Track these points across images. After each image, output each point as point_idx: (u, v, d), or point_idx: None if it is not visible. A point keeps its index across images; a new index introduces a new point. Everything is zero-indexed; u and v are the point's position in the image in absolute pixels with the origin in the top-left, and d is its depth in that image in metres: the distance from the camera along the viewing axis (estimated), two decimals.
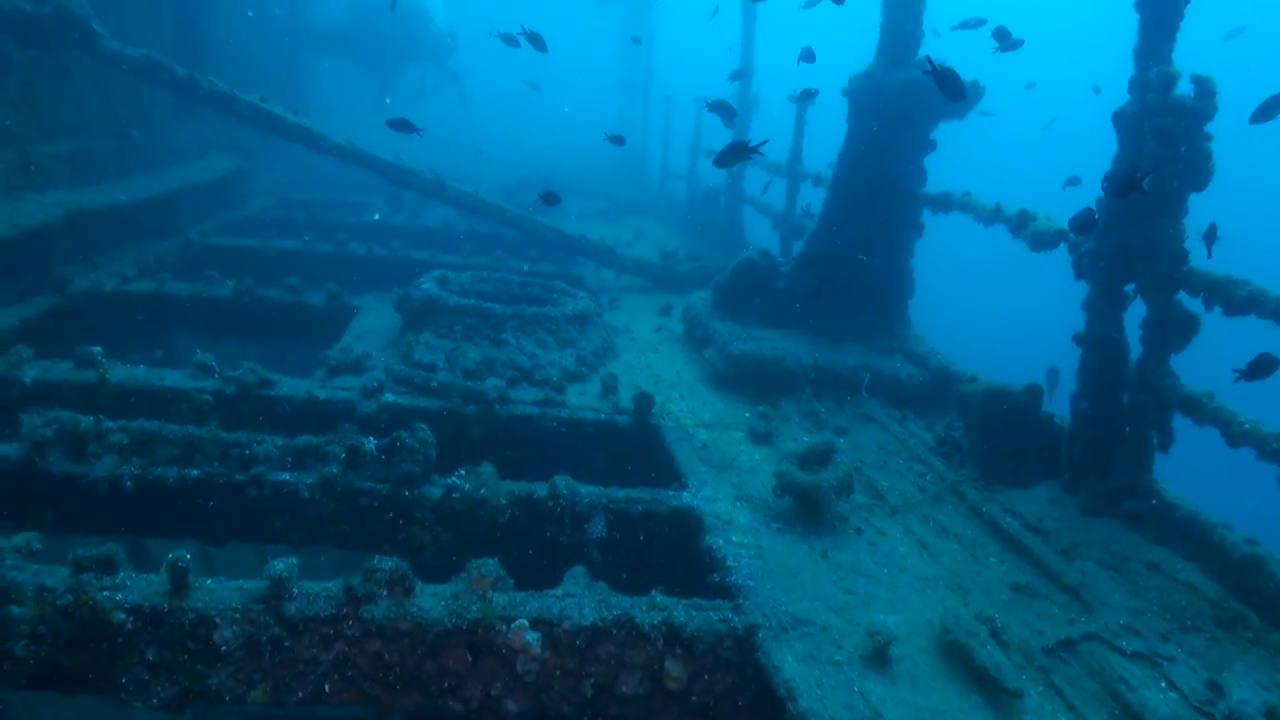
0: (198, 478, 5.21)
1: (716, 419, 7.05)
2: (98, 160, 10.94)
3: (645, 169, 23.18)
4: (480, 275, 9.16)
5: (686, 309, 9.29)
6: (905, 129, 8.24)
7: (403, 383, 6.82)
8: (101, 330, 9.13)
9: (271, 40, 20.08)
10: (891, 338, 8.48)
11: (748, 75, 13.12)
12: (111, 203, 10.00)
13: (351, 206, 16.11)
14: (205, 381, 6.68)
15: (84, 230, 9.68)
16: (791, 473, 5.44)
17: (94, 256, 9.73)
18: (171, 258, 11.06)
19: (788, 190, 12.40)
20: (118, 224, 10.51)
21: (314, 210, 15.08)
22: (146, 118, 12.47)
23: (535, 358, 7.37)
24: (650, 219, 18.03)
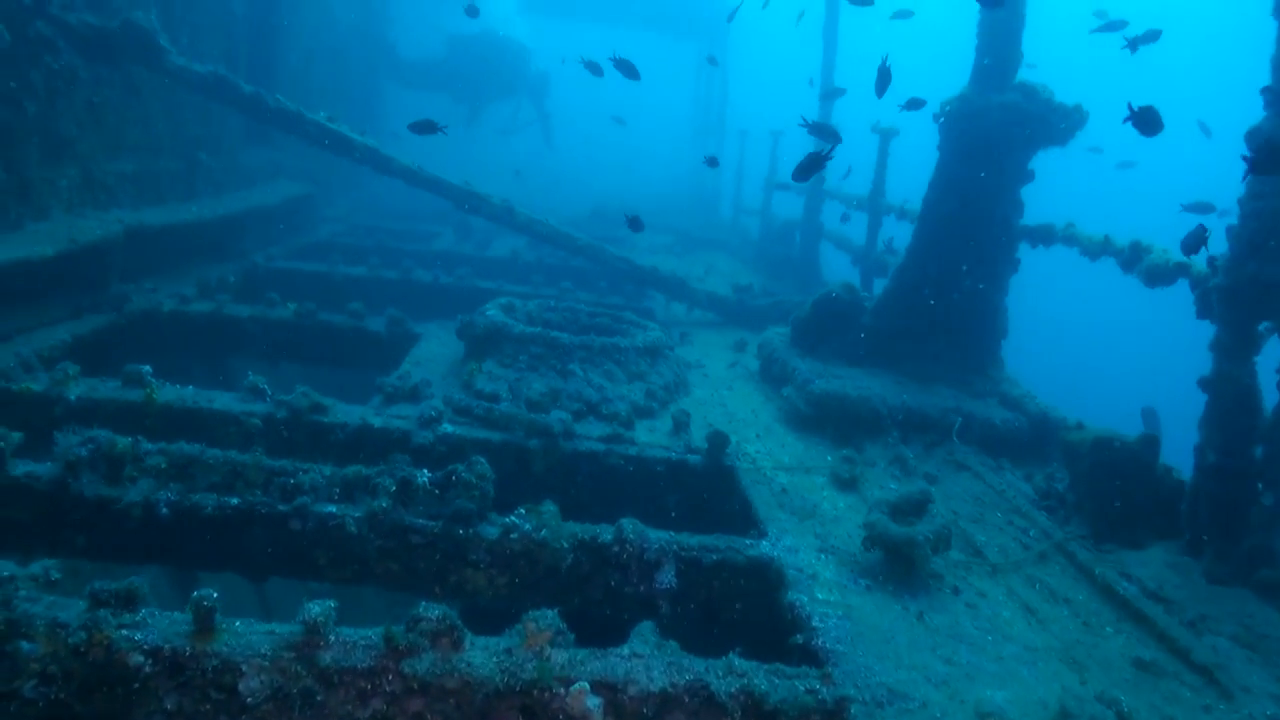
0: (238, 506, 4.82)
1: (796, 462, 6.54)
2: (164, 181, 10.79)
3: (717, 203, 22.81)
4: (547, 304, 8.78)
5: (762, 345, 8.81)
6: (1002, 156, 7.72)
7: (462, 413, 6.42)
8: (159, 351, 8.88)
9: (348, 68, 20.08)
10: (984, 380, 7.92)
11: (831, 97, 12.59)
12: (173, 222, 9.80)
13: (420, 235, 15.93)
14: (256, 405, 6.34)
15: (145, 249, 9.48)
16: (883, 523, 4.91)
17: (155, 276, 9.51)
18: (235, 280, 10.83)
19: (869, 224, 11.91)
20: (180, 244, 10.32)
21: (382, 238, 14.87)
22: (216, 141, 12.35)
23: (603, 391, 6.94)
24: (722, 254, 17.59)
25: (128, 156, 9.94)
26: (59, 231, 8.09)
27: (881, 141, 11.57)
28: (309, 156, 16.60)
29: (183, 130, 11.30)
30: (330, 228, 15.56)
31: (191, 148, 11.51)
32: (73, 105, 8.65)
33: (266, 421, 6.21)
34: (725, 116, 23.48)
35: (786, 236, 15.83)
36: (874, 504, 5.18)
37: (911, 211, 10.46)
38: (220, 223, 11.04)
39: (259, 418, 6.19)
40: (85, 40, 8.18)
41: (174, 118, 10.98)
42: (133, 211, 9.46)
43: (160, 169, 10.71)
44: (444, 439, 6.11)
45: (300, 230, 14.56)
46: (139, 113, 10.08)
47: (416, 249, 14.07)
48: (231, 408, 6.28)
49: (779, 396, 7.92)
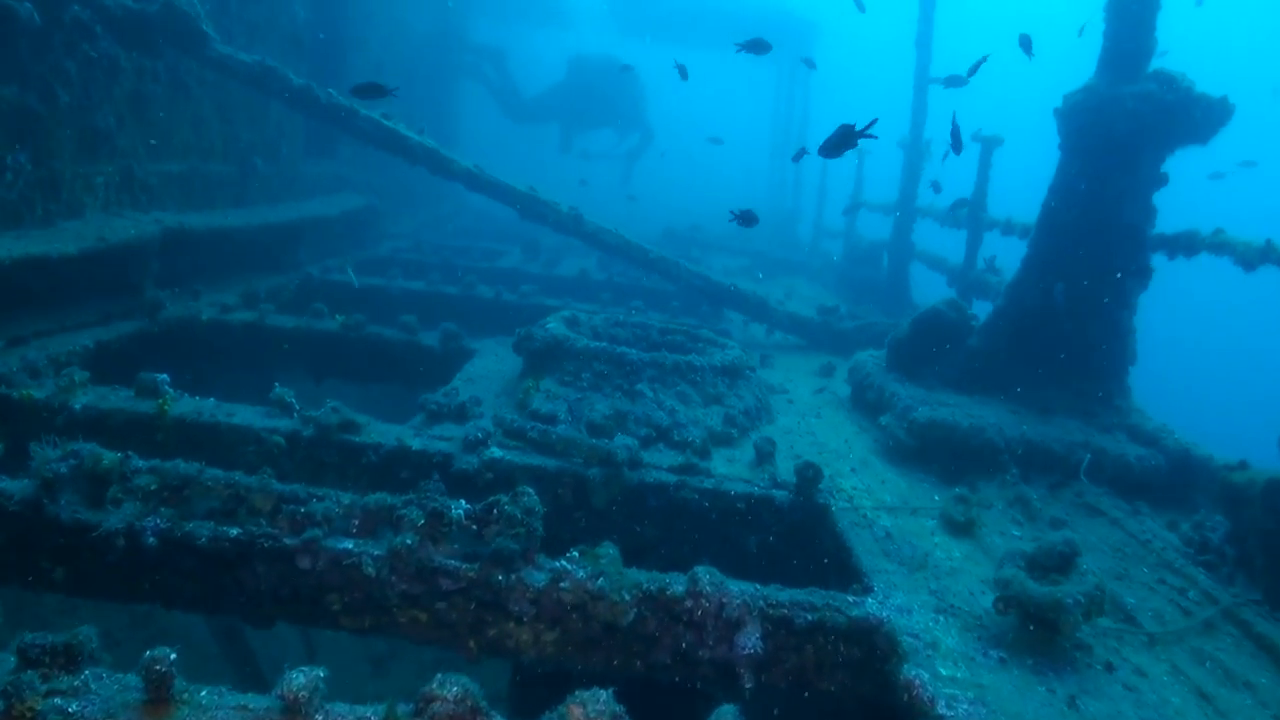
0: (238, 538, 4.03)
1: (900, 501, 5.61)
2: (214, 185, 10.20)
3: (795, 225, 21.89)
4: (615, 319, 7.95)
5: (854, 369, 7.89)
6: (1134, 155, 6.74)
7: (514, 435, 5.59)
8: (197, 364, 8.24)
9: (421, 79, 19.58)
10: (1110, 411, 6.91)
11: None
12: (219, 226, 9.17)
13: (486, 253, 15.25)
14: (280, 421, 5.59)
15: (187, 255, 8.87)
16: (1021, 582, 3.97)
17: (197, 284, 8.86)
18: (286, 292, 10.21)
19: (968, 240, 10.92)
20: (229, 252, 9.70)
21: (446, 255, 14.20)
22: (273, 148, 11.78)
23: (675, 414, 6.08)
24: (801, 278, 16.67)
25: (175, 157, 9.35)
26: (89, 230, 7.46)
27: (983, 150, 10.62)
28: (375, 170, 16.12)
29: (237, 134, 10.73)
30: (394, 244, 14.94)
31: (246, 153, 10.93)
32: (112, 98, 8.05)
33: (291, 440, 5.46)
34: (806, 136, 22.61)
35: (872, 258, 14.88)
36: (1007, 556, 4.23)
37: (1019, 225, 9.49)
38: (272, 231, 10.41)
39: (283, 435, 5.44)
40: (122, 24, 7.57)
41: (228, 120, 10.41)
42: (176, 214, 8.84)
43: (210, 173, 10.12)
44: (491, 464, 5.29)
45: (362, 245, 13.95)
46: (188, 112, 9.50)
47: (481, 266, 13.37)
48: (253, 423, 5.53)
49: (875, 426, 6.99)
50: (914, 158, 12.80)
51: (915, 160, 12.79)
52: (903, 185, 13.06)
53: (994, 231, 10.31)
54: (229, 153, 10.57)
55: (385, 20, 16.62)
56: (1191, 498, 6.33)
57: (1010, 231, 9.68)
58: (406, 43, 18.27)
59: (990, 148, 10.56)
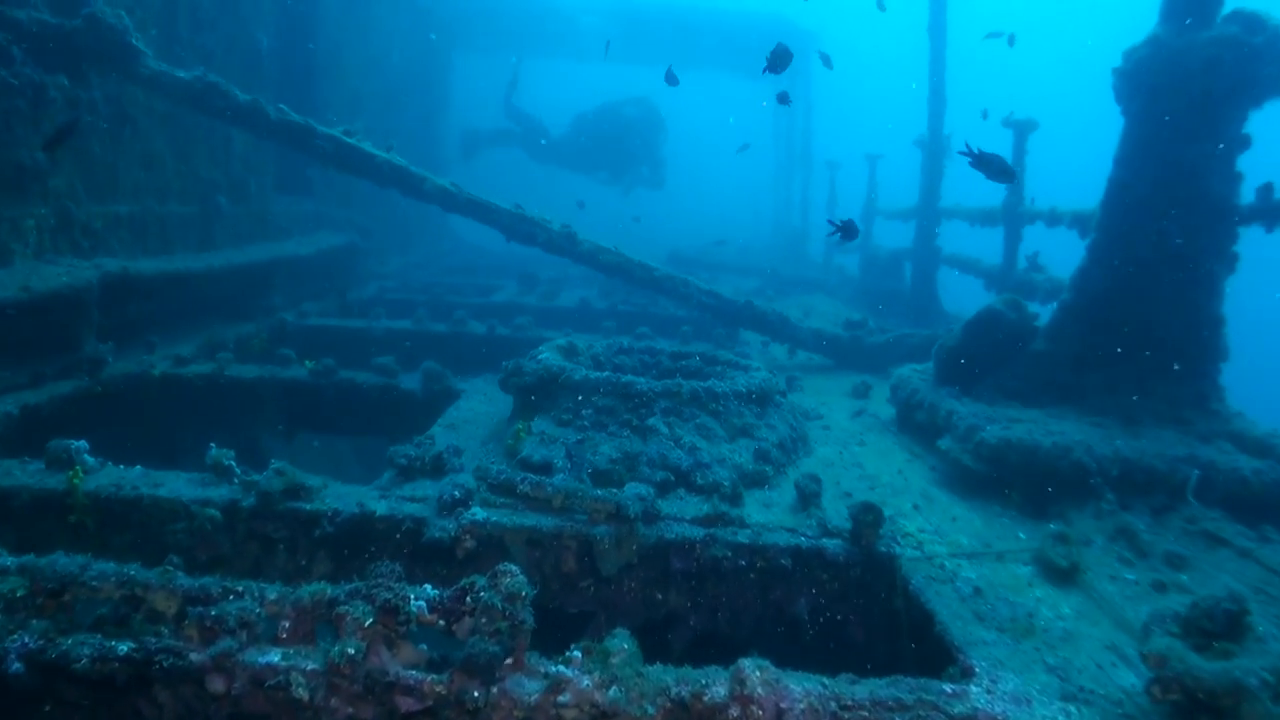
0: (130, 656, 3.02)
1: (979, 544, 4.57)
2: (172, 227, 9.25)
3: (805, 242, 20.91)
4: (619, 345, 6.95)
5: (897, 386, 6.87)
6: (1214, 113, 5.75)
7: (501, 490, 4.56)
8: (149, 426, 7.28)
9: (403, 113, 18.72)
10: (1206, 416, 5.86)
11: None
12: (172, 271, 8.20)
13: (479, 288, 14.27)
14: (216, 489, 4.59)
15: (138, 304, 7.92)
16: (1181, 657, 2.92)
17: (153, 335, 7.90)
18: (258, 340, 9.23)
19: (1006, 237, 9.91)
20: (187, 299, 8.74)
21: (437, 292, 13.22)
22: (240, 186, 10.84)
23: (696, 453, 5.06)
24: (818, 295, 15.66)
25: (123, 198, 8.41)
26: (13, 279, 6.52)
27: (1017, 137, 9.64)
28: (360, 207, 15.22)
29: (197, 171, 9.79)
30: (381, 284, 13.98)
31: (209, 192, 10.00)
32: (40, 131, 7.11)
33: (229, 512, 4.46)
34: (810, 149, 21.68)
35: (893, 268, 13.87)
36: (1154, 619, 3.20)
37: (1067, 214, 8.49)
38: (238, 274, 9.45)
39: (218, 507, 4.44)
40: (41, 43, 6.65)
41: (185, 157, 9.48)
42: (123, 260, 7.88)
43: (167, 214, 9.17)
44: (473, 529, 4.27)
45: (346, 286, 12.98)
46: (136, 148, 8.57)
47: (474, 302, 12.39)
48: (183, 494, 4.52)
49: (930, 451, 5.97)
50: (934, 154, 11.81)
51: (936, 157, 11.80)
52: (923, 186, 12.06)
53: (1036, 226, 9.31)
54: (188, 192, 9.62)
55: (361, 50, 15.76)
56: None
57: (1056, 222, 8.68)
58: (385, 73, 17.40)
59: (1024, 133, 9.58)
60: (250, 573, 4.54)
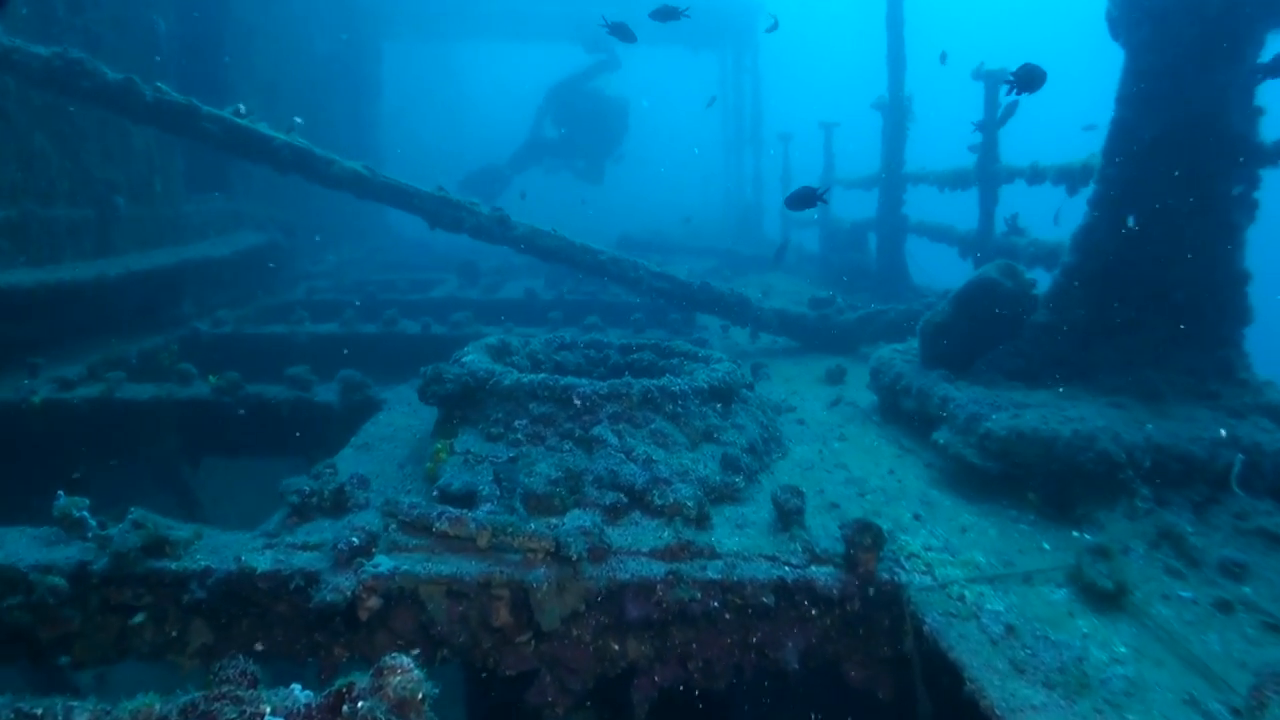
0: None
1: (999, 562, 3.76)
2: (60, 232, 8.27)
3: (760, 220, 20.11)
4: (559, 340, 6.08)
5: (878, 370, 6.07)
6: (1232, 34, 4.98)
7: (415, 529, 3.70)
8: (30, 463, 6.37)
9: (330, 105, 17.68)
10: (1235, 387, 5.11)
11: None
12: (55, 282, 7.24)
13: (416, 284, 13.33)
14: (64, 550, 3.70)
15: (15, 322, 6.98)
16: None
17: (37, 357, 6.95)
18: (167, 354, 8.29)
19: (981, 198, 9.13)
20: (80, 313, 7.78)
21: (369, 291, 12.27)
22: (143, 185, 9.86)
23: (653, 466, 4.21)
24: (776, 274, 14.86)
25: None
26: None
27: (987, 88, 8.87)
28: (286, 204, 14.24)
29: (89, 170, 8.80)
30: (311, 285, 13.02)
31: (105, 192, 9.01)
32: None
33: (77, 579, 3.57)
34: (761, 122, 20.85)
35: (857, 241, 13.11)
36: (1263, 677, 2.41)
37: (1051, 169, 7.73)
38: (140, 282, 8.48)
39: (64, 573, 3.55)
40: None
41: (72, 154, 8.49)
42: None
43: (54, 218, 8.20)
44: (376, 584, 3.40)
45: (271, 289, 12.01)
46: (10, 145, 7.60)
47: (410, 299, 11.49)
48: (22, 559, 3.63)
49: (923, 445, 5.19)
50: (896, 117, 11.02)
51: (898, 120, 11.01)
52: (885, 151, 11.28)
53: (1016, 184, 8.54)
54: (79, 193, 8.64)
55: (277, 36, 14.73)
56: None
57: (1040, 179, 7.92)
58: (306, 61, 16.37)
59: (996, 83, 8.81)
60: (113, 651, 3.67)
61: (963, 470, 4.64)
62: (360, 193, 7.60)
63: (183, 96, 6.86)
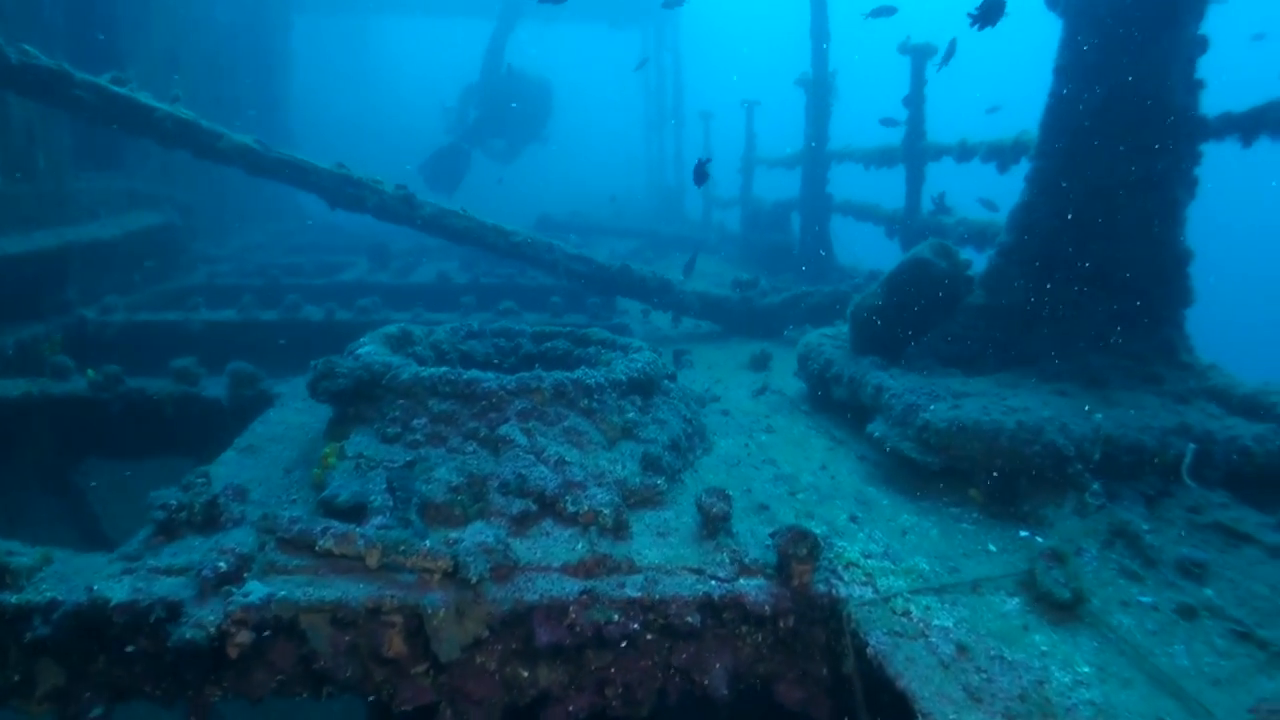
0: None
1: (944, 568, 3.44)
2: None
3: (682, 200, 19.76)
4: (467, 328, 5.64)
5: (805, 355, 5.75)
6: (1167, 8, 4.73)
7: (295, 547, 3.27)
8: None
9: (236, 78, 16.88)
10: (1179, 371, 4.88)
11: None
12: None
13: (324, 267, 12.72)
14: None
15: None
16: None
17: None
18: (49, 345, 7.66)
19: (908, 177, 8.86)
20: None
21: (273, 275, 11.64)
22: (23, 160, 9.14)
23: (566, 469, 3.82)
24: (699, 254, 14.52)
25: None
26: None
27: (914, 63, 8.59)
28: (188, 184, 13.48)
29: None
30: (212, 269, 12.34)
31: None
32: None
33: None
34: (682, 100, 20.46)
35: (779, 221, 12.80)
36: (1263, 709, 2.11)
37: (982, 146, 7.47)
38: (16, 266, 7.83)
39: None
40: None
41: None
42: None
43: None
44: (246, 616, 2.97)
45: (168, 273, 11.32)
46: None
47: (316, 283, 10.90)
48: None
49: (855, 436, 4.88)
50: (820, 95, 10.72)
51: (822, 97, 10.71)
52: (809, 128, 10.99)
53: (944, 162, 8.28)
54: None
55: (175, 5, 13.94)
56: None
57: (969, 156, 7.66)
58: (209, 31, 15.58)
59: (922, 58, 8.54)
60: None
61: (898, 462, 4.33)
62: (253, 169, 7.07)
63: (52, 61, 6.26)
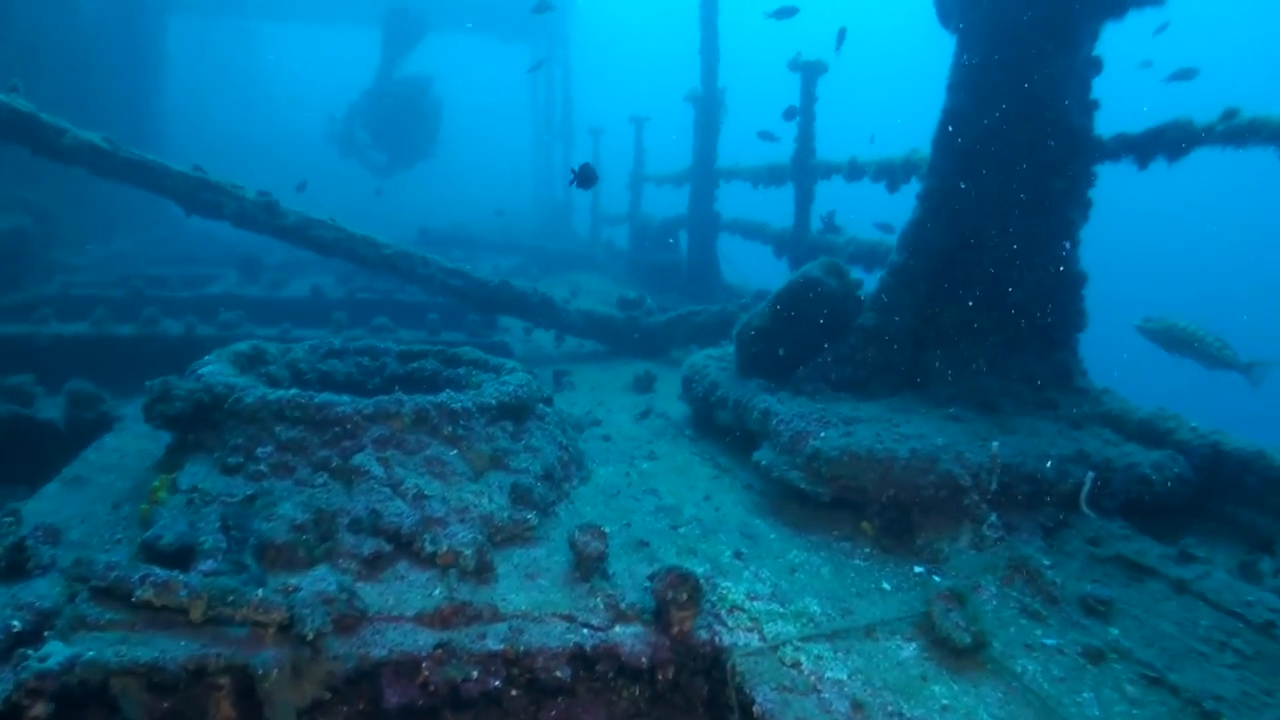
0: None
1: (836, 611, 3.18)
2: None
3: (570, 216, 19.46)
4: (327, 346, 5.22)
5: (691, 378, 5.48)
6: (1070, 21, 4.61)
7: (110, 598, 2.84)
8: None
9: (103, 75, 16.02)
10: (1074, 395, 4.76)
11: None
12: None
13: (191, 279, 12.01)
14: None
15: None
16: None
17: None
18: None
19: (796, 195, 8.70)
20: None
21: (136, 286, 10.94)
22: None
23: (425, 503, 3.46)
24: (586, 272, 14.26)
25: None
26: None
27: (804, 80, 8.44)
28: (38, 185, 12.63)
29: None
30: (70, 278, 11.55)
31: None
32: None
33: None
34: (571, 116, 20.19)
35: (668, 238, 12.58)
36: None
37: (871, 164, 7.34)
38: None
39: None
40: None
41: None
42: None
43: None
44: (41, 683, 2.54)
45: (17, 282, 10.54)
46: None
47: (181, 296, 10.26)
48: None
49: (741, 463, 4.62)
50: (709, 111, 10.55)
51: (711, 113, 10.54)
52: (697, 145, 10.80)
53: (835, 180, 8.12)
54: None
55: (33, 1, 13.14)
56: (1217, 510, 4.22)
57: (859, 174, 7.51)
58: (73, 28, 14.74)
59: (813, 75, 8.40)
60: None
61: (789, 494, 4.07)
62: (100, 170, 6.55)
63: None
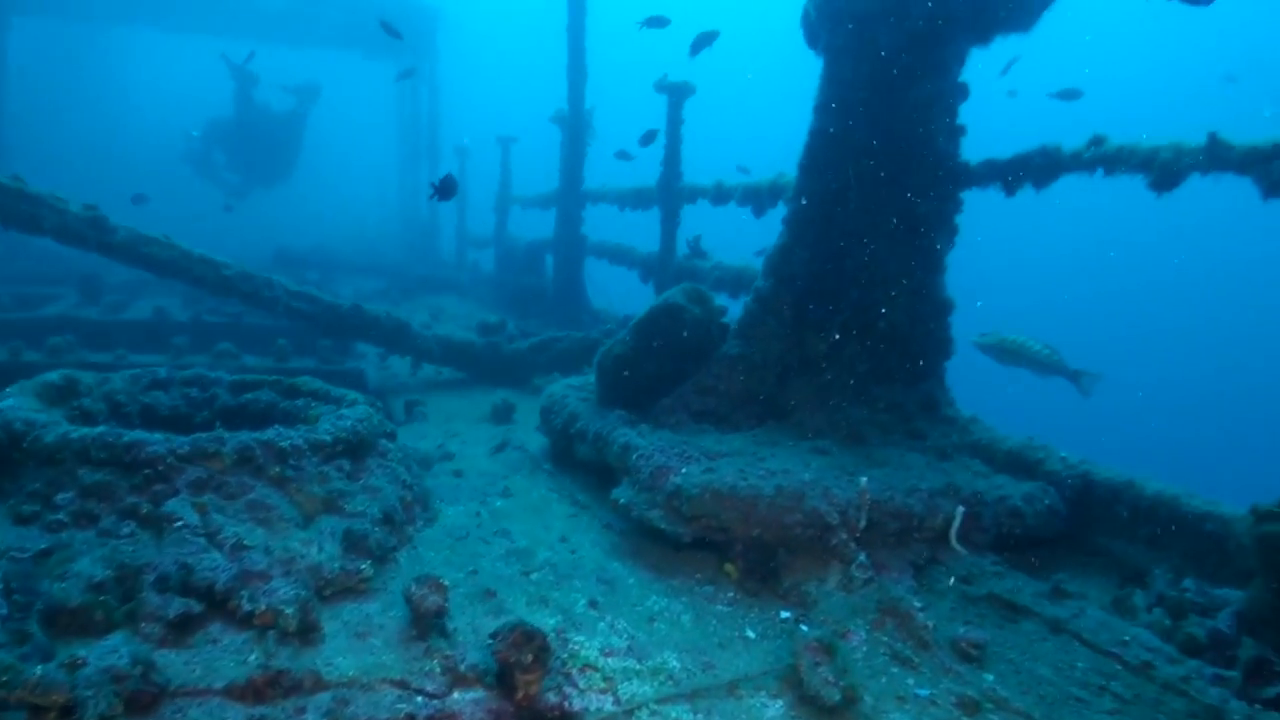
0: None
1: (697, 665, 2.94)
2: None
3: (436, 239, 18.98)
4: (151, 376, 4.77)
5: (550, 409, 5.20)
6: (937, 45, 4.52)
7: None
8: None
9: None
10: (940, 425, 4.65)
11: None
12: None
13: (26, 300, 11.22)
14: None
15: None
16: None
17: None
18: None
19: (663, 220, 8.52)
20: None
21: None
22: None
23: (244, 556, 3.10)
24: (450, 296, 13.87)
25: None
26: None
27: (671, 102, 8.28)
28: None
29: None
30: None
31: None
32: None
33: None
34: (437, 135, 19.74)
35: (533, 261, 12.29)
36: None
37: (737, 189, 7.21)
38: None
39: None
40: None
41: None
42: None
43: None
44: None
45: None
46: None
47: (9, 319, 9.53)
48: None
49: (600, 500, 4.36)
50: (576, 131, 10.33)
51: (578, 135, 10.32)
52: (564, 167, 10.56)
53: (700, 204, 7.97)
54: None
55: None
56: (1089, 541, 4.15)
57: (724, 199, 7.37)
58: None
59: (680, 96, 8.25)
60: None
61: (649, 534, 3.83)
62: None
63: None
